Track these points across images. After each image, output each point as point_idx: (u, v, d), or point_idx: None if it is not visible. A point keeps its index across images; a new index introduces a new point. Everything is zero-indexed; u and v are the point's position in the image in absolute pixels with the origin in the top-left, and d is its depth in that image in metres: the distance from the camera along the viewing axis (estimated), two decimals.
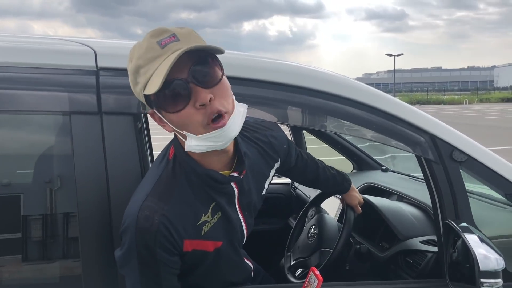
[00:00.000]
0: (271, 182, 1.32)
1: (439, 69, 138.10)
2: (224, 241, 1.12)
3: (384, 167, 2.77)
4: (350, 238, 1.69)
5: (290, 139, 1.45)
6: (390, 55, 44.54)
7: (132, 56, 0.97)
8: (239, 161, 1.12)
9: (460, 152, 1.35)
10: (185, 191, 1.05)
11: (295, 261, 1.79)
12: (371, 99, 1.33)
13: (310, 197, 2.46)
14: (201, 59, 0.94)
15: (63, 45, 1.23)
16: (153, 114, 1.00)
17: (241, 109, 1.01)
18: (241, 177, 1.11)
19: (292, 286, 1.63)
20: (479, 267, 1.16)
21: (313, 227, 1.81)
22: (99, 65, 1.15)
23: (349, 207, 1.71)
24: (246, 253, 1.43)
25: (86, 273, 1.11)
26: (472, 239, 1.20)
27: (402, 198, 2.08)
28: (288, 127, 2.67)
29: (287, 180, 2.85)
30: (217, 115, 0.95)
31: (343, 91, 1.31)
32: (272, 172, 1.30)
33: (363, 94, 1.33)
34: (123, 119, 1.15)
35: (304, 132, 2.88)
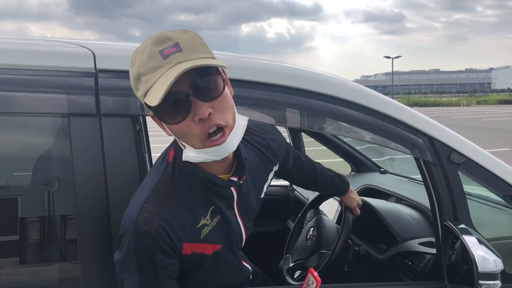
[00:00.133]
0: (269, 185, 1.32)
1: (437, 71, 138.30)
2: (223, 244, 1.11)
3: (382, 169, 2.77)
4: (348, 240, 1.69)
5: (288, 141, 1.45)
6: (388, 57, 44.64)
7: (134, 61, 0.95)
8: (238, 165, 1.11)
9: (458, 154, 1.35)
10: (185, 194, 1.04)
11: (293, 263, 1.79)
12: (369, 101, 1.33)
13: (308, 199, 2.46)
14: (203, 70, 0.92)
15: (62, 47, 1.23)
16: (153, 117, 1.00)
17: (242, 123, 1.01)
18: (241, 182, 1.11)
19: None
20: (477, 268, 1.16)
21: (312, 229, 1.81)
22: (98, 67, 1.15)
23: (347, 209, 1.71)
24: (245, 255, 1.43)
25: (85, 276, 1.11)
26: (470, 241, 1.21)
27: (400, 200, 2.08)
28: (286, 129, 2.67)
29: (285, 182, 2.85)
30: (216, 128, 0.94)
31: (341, 93, 1.32)
32: (271, 175, 1.30)
33: (361, 96, 1.34)
34: (121, 121, 1.15)
35: (302, 134, 2.89)
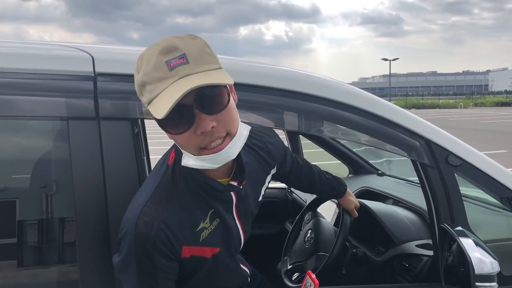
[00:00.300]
0: (267, 187, 1.32)
1: (434, 73, 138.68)
2: (221, 247, 1.12)
3: (380, 171, 2.77)
4: (346, 242, 1.70)
5: (286, 144, 1.45)
6: (385, 59, 44.70)
7: (139, 67, 0.93)
8: (238, 169, 1.12)
9: (455, 157, 1.36)
10: (184, 198, 1.05)
11: (291, 265, 1.79)
12: (366, 103, 1.34)
13: (306, 201, 2.46)
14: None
15: (61, 51, 1.24)
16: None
17: (244, 133, 1.01)
18: (241, 187, 1.11)
19: None
20: (474, 270, 1.17)
21: (310, 231, 1.82)
22: (96, 70, 1.15)
23: (345, 211, 1.72)
24: (243, 257, 1.43)
25: (83, 279, 1.11)
26: (467, 243, 1.21)
27: (398, 202, 2.09)
28: (284, 131, 2.68)
29: (283, 184, 2.85)
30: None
31: (338, 96, 1.32)
32: (269, 178, 1.31)
33: (358, 99, 1.34)
34: (120, 124, 1.15)
35: (300, 136, 2.89)
